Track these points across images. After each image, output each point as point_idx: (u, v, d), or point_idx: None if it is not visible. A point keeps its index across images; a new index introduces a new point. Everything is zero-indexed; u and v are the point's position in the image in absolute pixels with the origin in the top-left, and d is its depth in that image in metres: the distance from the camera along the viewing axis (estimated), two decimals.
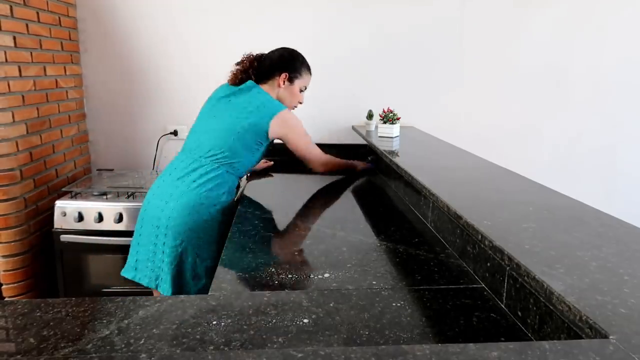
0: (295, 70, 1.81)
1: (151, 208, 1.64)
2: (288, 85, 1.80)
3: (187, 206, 1.58)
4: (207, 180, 1.63)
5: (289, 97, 1.82)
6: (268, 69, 1.80)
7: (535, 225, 0.98)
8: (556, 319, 0.72)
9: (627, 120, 2.77)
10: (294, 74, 1.80)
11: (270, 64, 1.81)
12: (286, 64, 1.80)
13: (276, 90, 1.80)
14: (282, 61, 1.81)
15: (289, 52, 1.85)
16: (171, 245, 1.55)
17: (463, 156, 1.82)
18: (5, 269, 2.03)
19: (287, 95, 1.81)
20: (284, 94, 1.81)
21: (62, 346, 0.72)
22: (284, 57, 1.83)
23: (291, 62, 1.82)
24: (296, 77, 1.81)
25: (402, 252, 1.23)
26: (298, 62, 1.83)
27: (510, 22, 2.64)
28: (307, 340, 0.78)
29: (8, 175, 1.98)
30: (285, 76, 1.79)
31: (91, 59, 2.58)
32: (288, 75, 1.79)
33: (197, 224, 1.58)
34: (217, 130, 1.70)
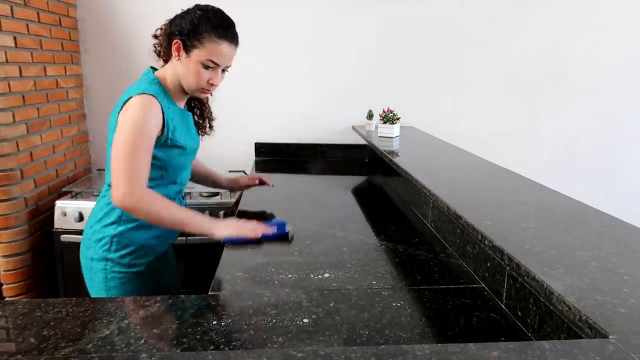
0: (192, 36, 1.23)
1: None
2: (184, 57, 1.25)
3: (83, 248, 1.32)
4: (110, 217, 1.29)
5: (188, 75, 1.26)
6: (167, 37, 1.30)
7: (535, 225, 0.98)
8: (556, 318, 0.72)
9: (626, 120, 2.77)
10: (190, 40, 1.23)
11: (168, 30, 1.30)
12: (180, 28, 1.25)
13: (174, 67, 1.29)
14: (176, 24, 1.27)
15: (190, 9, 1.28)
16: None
17: (463, 156, 1.82)
18: (5, 269, 2.03)
19: (184, 71, 1.27)
20: (181, 71, 1.27)
21: (62, 346, 0.72)
22: (177, 17, 1.29)
23: (186, 24, 1.24)
24: (194, 46, 1.23)
25: (402, 252, 1.23)
26: (198, 22, 1.23)
27: (509, 22, 2.64)
28: (307, 340, 0.78)
29: (8, 175, 1.98)
30: (177, 45, 1.25)
31: (91, 59, 2.58)
32: (181, 43, 1.24)
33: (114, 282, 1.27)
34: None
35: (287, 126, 2.68)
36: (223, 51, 1.25)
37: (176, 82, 1.31)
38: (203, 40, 1.23)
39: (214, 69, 1.27)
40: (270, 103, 2.65)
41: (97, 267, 1.28)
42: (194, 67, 1.25)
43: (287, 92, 2.66)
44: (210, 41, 1.23)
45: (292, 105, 2.65)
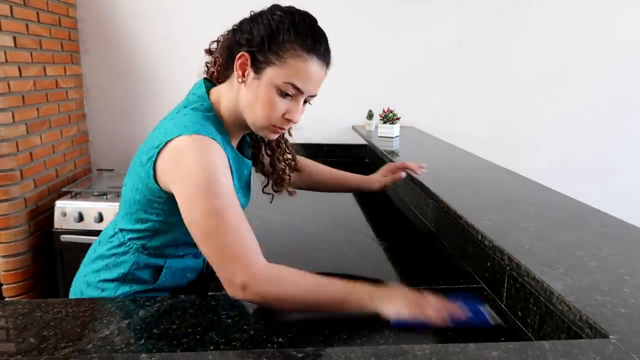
0: (268, 46, 0.86)
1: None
2: (252, 78, 0.88)
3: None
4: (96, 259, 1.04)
5: (250, 104, 0.90)
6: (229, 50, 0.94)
7: (535, 225, 0.98)
8: (556, 318, 0.72)
9: (627, 120, 2.77)
10: (263, 53, 0.87)
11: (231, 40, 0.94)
12: (249, 35, 0.89)
13: (235, 90, 0.92)
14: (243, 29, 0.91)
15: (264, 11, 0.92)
16: None
17: (463, 156, 1.82)
18: (5, 269, 2.03)
19: (249, 99, 0.89)
20: (246, 97, 0.90)
21: (62, 346, 0.72)
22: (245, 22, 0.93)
23: (259, 30, 0.88)
24: (269, 62, 0.87)
25: (402, 252, 1.23)
26: (277, 27, 0.87)
27: (509, 22, 2.64)
28: (307, 340, 0.78)
29: (8, 175, 1.98)
30: (243, 59, 0.88)
31: (91, 59, 2.58)
32: (249, 57, 0.88)
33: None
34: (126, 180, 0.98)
35: None
36: (311, 71, 0.89)
37: (235, 113, 0.93)
38: (283, 54, 0.85)
39: (295, 98, 0.90)
40: None
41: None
42: (266, 93, 0.87)
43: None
44: (295, 56, 0.86)
45: None
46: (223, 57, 0.96)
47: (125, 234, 0.97)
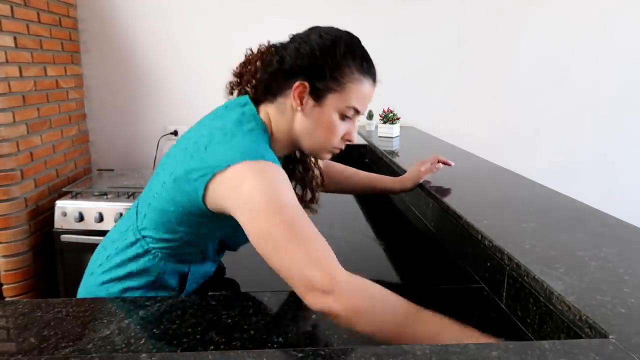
0: (327, 74, 0.87)
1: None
2: (312, 105, 0.89)
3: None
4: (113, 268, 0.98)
5: (312, 130, 0.91)
6: (276, 74, 0.91)
7: (535, 225, 0.98)
8: (556, 318, 0.72)
9: (627, 120, 2.77)
10: (322, 82, 0.87)
11: (280, 63, 0.90)
12: (309, 63, 0.88)
13: (288, 115, 0.91)
14: (302, 56, 0.88)
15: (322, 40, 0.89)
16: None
17: (463, 156, 1.82)
18: (5, 269, 2.03)
19: (310, 126, 0.90)
20: (304, 124, 0.90)
21: (62, 346, 0.73)
22: (307, 49, 0.89)
23: (320, 59, 0.87)
24: (331, 89, 0.88)
25: (402, 252, 1.23)
26: (336, 56, 0.88)
27: (509, 22, 2.64)
28: (307, 340, 0.78)
29: (8, 175, 1.98)
30: (301, 88, 0.88)
31: (91, 59, 2.58)
32: (309, 85, 0.87)
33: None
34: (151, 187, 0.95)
35: None
36: (367, 92, 0.92)
37: (287, 136, 0.93)
38: (343, 80, 0.88)
39: (352, 119, 0.92)
40: None
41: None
42: (329, 119, 0.88)
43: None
44: (353, 79, 0.88)
45: None
46: (265, 81, 0.92)
47: (151, 241, 0.93)
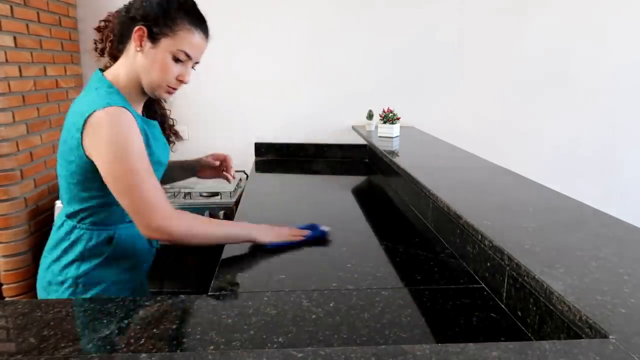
0: (161, 22, 1.04)
1: None
2: (149, 47, 1.05)
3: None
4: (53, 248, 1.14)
5: (153, 69, 1.06)
6: (123, 26, 1.08)
7: (535, 225, 0.98)
8: (556, 318, 0.72)
9: (627, 120, 2.77)
10: (158, 27, 1.03)
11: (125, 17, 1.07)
12: (144, 12, 1.04)
13: (131, 57, 1.07)
14: (138, 7, 1.05)
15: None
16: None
17: (463, 156, 1.82)
18: (5, 269, 2.03)
19: (147, 65, 1.05)
20: (143, 64, 1.06)
21: (62, 346, 0.72)
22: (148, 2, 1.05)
23: (154, 7, 1.04)
24: (163, 33, 1.04)
25: (402, 252, 1.23)
26: (168, 5, 1.04)
27: (510, 22, 2.64)
28: (307, 340, 0.78)
29: (8, 175, 1.98)
30: (140, 32, 1.04)
31: (91, 59, 2.57)
32: (146, 30, 1.04)
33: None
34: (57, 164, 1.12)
35: (287, 126, 2.68)
36: (197, 42, 1.08)
37: (133, 82, 1.09)
38: (175, 28, 1.04)
39: (185, 63, 1.08)
40: (270, 103, 2.65)
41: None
42: (162, 58, 1.05)
43: (288, 92, 2.66)
44: (184, 29, 1.05)
45: (292, 106, 2.65)
46: (115, 33, 1.10)
47: (73, 219, 1.10)
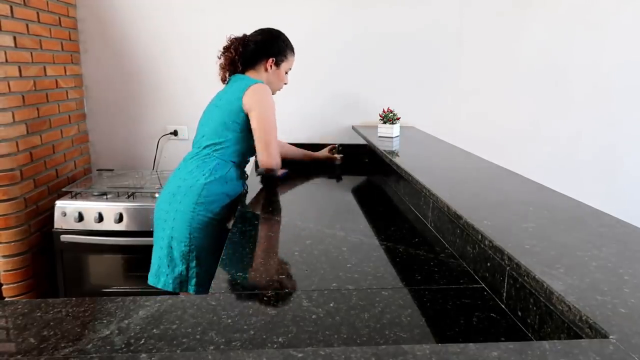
0: (281, 53, 1.81)
1: (158, 211, 1.67)
2: (275, 69, 1.80)
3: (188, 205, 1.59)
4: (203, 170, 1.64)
5: (276, 81, 1.83)
6: (253, 55, 1.79)
7: (535, 225, 0.98)
8: (556, 318, 0.72)
9: (627, 120, 2.77)
10: (280, 57, 1.80)
11: (255, 49, 1.79)
12: (271, 48, 1.79)
13: (263, 75, 1.80)
14: (267, 45, 1.79)
15: (273, 36, 1.82)
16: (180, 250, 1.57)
17: (463, 156, 1.82)
18: (5, 269, 2.03)
19: (275, 79, 1.82)
20: (272, 79, 1.81)
21: (62, 346, 0.72)
22: (268, 41, 1.80)
23: (276, 45, 1.80)
24: (282, 60, 1.81)
25: (402, 252, 1.23)
26: (283, 44, 1.82)
27: (509, 22, 2.64)
28: (307, 340, 0.78)
29: (8, 175, 1.98)
30: (272, 61, 1.79)
31: (91, 59, 2.58)
32: (275, 59, 1.79)
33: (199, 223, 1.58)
34: (207, 123, 1.74)
35: (287, 126, 2.68)
36: (294, 59, 1.89)
37: None
38: (288, 56, 1.84)
39: (287, 74, 1.88)
40: None
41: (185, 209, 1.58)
42: (283, 74, 1.84)
43: (287, 92, 2.65)
44: (290, 55, 1.85)
45: (292, 106, 2.65)
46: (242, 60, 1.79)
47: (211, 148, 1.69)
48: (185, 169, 1.68)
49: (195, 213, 1.58)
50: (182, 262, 1.56)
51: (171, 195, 1.63)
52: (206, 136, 1.71)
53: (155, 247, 1.65)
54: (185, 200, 1.59)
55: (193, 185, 1.61)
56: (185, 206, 1.58)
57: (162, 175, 2.55)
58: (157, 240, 1.65)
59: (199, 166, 1.66)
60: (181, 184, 1.63)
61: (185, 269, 1.56)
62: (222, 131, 1.68)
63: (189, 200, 1.59)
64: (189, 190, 1.60)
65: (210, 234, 1.59)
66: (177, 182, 1.65)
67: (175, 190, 1.63)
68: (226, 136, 1.68)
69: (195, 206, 1.58)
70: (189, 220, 1.57)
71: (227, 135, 1.68)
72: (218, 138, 1.68)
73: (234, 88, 1.72)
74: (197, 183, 1.61)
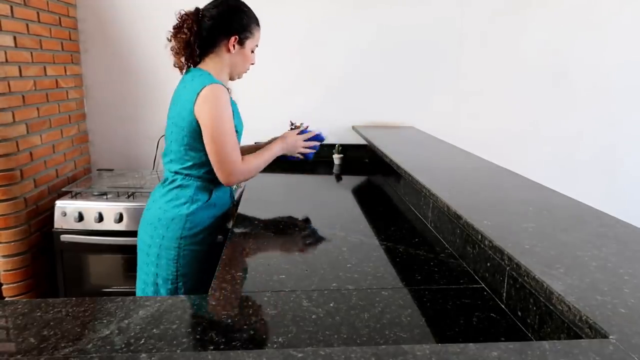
0: (245, 29, 1.47)
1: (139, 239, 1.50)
2: (239, 49, 1.47)
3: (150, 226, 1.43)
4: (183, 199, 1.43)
5: (241, 63, 1.51)
6: (210, 33, 1.46)
7: (535, 225, 0.98)
8: (556, 319, 0.72)
9: (627, 120, 2.77)
10: (244, 34, 1.47)
11: (212, 26, 1.45)
12: (232, 24, 1.45)
13: (225, 57, 1.48)
14: (227, 20, 1.46)
15: (231, 6, 1.48)
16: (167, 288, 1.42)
17: (463, 156, 1.82)
18: (5, 269, 2.03)
19: (239, 60, 1.50)
20: (236, 60, 1.49)
21: (62, 346, 0.73)
22: (227, 15, 1.46)
23: (237, 20, 1.46)
24: (247, 37, 1.48)
25: (402, 252, 1.23)
26: (245, 17, 1.48)
27: (509, 22, 2.64)
28: (307, 340, 0.78)
29: (8, 175, 1.98)
30: (234, 39, 1.45)
31: (91, 59, 2.58)
32: (238, 37, 1.46)
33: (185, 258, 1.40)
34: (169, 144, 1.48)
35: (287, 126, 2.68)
36: (260, 34, 1.56)
37: (223, 72, 1.50)
38: (253, 31, 1.51)
39: (253, 52, 1.56)
40: (270, 103, 2.65)
41: (169, 245, 1.40)
42: (248, 53, 1.52)
43: (287, 92, 2.66)
44: (256, 30, 1.52)
45: (292, 106, 2.65)
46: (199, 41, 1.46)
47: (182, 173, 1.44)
48: (162, 198, 1.45)
49: (180, 249, 1.40)
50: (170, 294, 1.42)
51: (152, 227, 1.43)
52: (173, 161, 1.46)
53: (139, 278, 1.50)
54: (169, 234, 1.40)
55: (174, 217, 1.40)
56: (169, 241, 1.40)
57: (162, 175, 2.55)
58: (141, 270, 1.49)
59: (177, 195, 1.43)
60: (161, 216, 1.42)
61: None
62: (186, 153, 1.42)
63: (172, 235, 1.40)
64: (170, 223, 1.40)
65: (197, 265, 1.43)
66: (156, 213, 1.44)
67: (156, 222, 1.43)
68: (193, 157, 1.42)
69: (180, 241, 1.40)
70: (174, 257, 1.40)
71: (192, 155, 1.42)
72: (185, 162, 1.43)
73: (185, 95, 1.42)
74: (178, 215, 1.40)
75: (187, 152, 1.42)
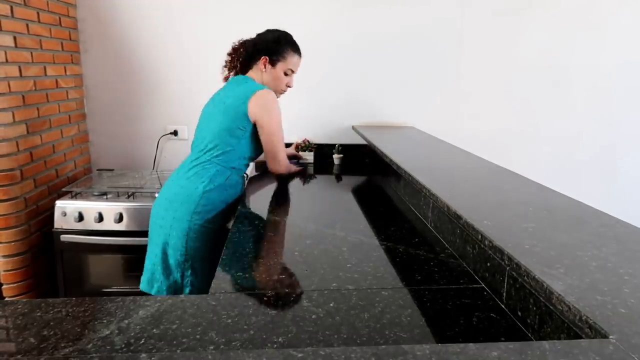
0: (277, 53, 1.75)
1: (154, 215, 1.65)
2: (270, 69, 1.76)
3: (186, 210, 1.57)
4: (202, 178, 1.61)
5: (272, 82, 1.77)
6: (250, 55, 1.78)
7: (535, 225, 0.98)
8: (556, 319, 0.72)
9: (627, 120, 2.77)
10: (275, 57, 1.75)
11: (252, 49, 1.77)
12: (266, 46, 1.75)
13: (259, 75, 1.77)
14: (262, 44, 1.76)
15: (270, 34, 1.78)
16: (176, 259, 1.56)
17: (463, 156, 1.82)
18: (5, 269, 2.03)
19: (270, 79, 1.77)
20: (267, 79, 1.76)
21: (62, 346, 0.73)
22: (263, 40, 1.77)
23: (271, 44, 1.75)
24: (278, 60, 1.76)
25: (402, 252, 1.23)
26: (280, 43, 1.76)
27: (510, 22, 2.64)
28: (307, 340, 0.78)
29: (8, 175, 1.98)
30: (265, 60, 1.75)
31: (91, 59, 2.58)
32: (268, 58, 1.75)
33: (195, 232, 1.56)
34: (208, 127, 1.71)
35: (287, 126, 2.68)
36: (297, 61, 1.81)
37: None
38: (286, 56, 1.77)
39: (290, 75, 1.82)
40: None
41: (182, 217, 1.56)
42: (279, 75, 1.78)
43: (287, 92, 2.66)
44: (291, 56, 1.78)
45: (292, 106, 2.65)
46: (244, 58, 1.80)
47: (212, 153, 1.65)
48: (183, 175, 1.64)
49: (192, 222, 1.55)
50: (177, 270, 1.55)
51: (168, 202, 1.60)
52: (207, 140, 1.67)
53: (149, 252, 1.63)
54: (183, 208, 1.56)
55: (191, 193, 1.58)
56: (182, 214, 1.56)
57: (162, 175, 2.55)
58: (151, 245, 1.63)
59: (197, 173, 1.63)
60: (179, 191, 1.60)
61: (180, 277, 1.55)
62: (225, 137, 1.65)
63: (186, 209, 1.56)
64: (186, 198, 1.57)
65: (206, 242, 1.57)
66: (175, 189, 1.62)
67: (173, 197, 1.60)
68: (229, 142, 1.66)
69: (193, 215, 1.56)
70: (185, 229, 1.55)
71: (230, 141, 1.66)
72: (220, 143, 1.65)
73: (237, 92, 1.69)
74: (195, 191, 1.58)
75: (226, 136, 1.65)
